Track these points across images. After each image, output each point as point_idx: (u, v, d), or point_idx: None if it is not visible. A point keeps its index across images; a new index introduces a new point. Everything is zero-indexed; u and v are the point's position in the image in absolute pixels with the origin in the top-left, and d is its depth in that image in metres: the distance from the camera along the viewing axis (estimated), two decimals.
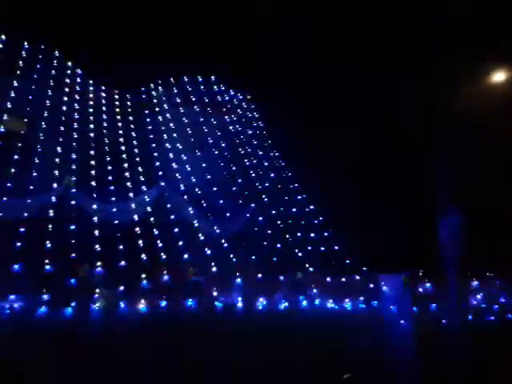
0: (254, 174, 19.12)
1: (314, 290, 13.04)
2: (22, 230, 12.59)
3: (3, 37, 16.68)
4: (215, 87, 21.86)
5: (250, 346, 10.97)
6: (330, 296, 13.07)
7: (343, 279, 13.91)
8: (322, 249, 16.46)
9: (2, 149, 14.39)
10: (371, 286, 13.69)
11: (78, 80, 17.94)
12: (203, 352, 10.37)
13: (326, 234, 17.37)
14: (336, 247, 16.54)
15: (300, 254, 15.86)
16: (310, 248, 16.38)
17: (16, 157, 14.49)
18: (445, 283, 13.56)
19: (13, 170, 13.96)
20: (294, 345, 11.35)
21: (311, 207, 18.59)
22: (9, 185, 13.47)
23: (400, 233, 16.70)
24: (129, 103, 18.81)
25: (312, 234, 17.07)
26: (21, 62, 16.51)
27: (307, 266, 15.23)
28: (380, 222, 17.42)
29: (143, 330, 10.70)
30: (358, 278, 14.22)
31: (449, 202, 14.39)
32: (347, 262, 15.86)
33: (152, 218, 14.95)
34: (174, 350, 10.11)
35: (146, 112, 18.64)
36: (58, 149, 15.33)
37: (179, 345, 10.35)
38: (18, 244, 12.19)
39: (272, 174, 19.56)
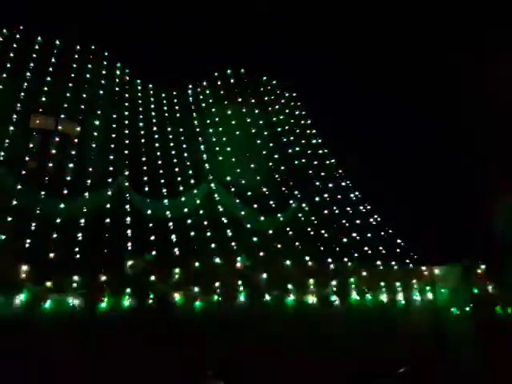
0: (296, 162, 19.01)
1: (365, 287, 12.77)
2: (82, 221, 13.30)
3: (57, 42, 17.46)
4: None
5: (300, 338, 11.09)
6: (383, 287, 12.86)
7: (396, 270, 13.63)
8: (369, 236, 16.13)
9: (57, 149, 15.25)
10: (426, 276, 13.33)
11: (127, 78, 18.53)
12: (256, 344, 10.60)
13: (374, 222, 17.06)
14: (387, 236, 16.24)
15: (347, 243, 15.65)
16: (358, 238, 16.14)
17: (73, 153, 15.25)
18: (502, 272, 13.10)
19: (71, 165, 14.76)
20: (348, 338, 11.36)
21: (357, 193, 18.27)
22: (68, 178, 14.25)
23: (455, 221, 16.15)
24: (175, 100, 19.22)
25: (357, 221, 16.78)
26: (74, 64, 17.24)
27: (356, 255, 15.06)
28: (435, 210, 16.90)
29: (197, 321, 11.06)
30: (412, 268, 13.91)
31: (505, 189, 13.76)
32: (398, 251, 15.56)
33: (201, 211, 15.29)
34: (224, 345, 10.34)
35: (193, 108, 18.98)
36: (112, 146, 16.02)
37: (231, 337, 10.60)
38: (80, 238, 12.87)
39: (315, 162, 19.35)
